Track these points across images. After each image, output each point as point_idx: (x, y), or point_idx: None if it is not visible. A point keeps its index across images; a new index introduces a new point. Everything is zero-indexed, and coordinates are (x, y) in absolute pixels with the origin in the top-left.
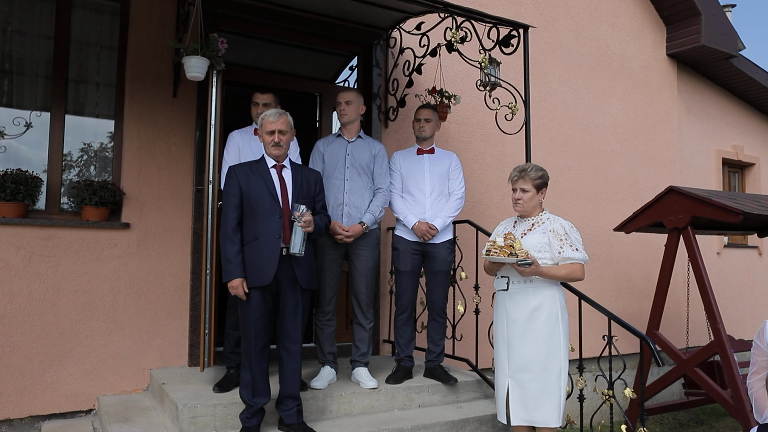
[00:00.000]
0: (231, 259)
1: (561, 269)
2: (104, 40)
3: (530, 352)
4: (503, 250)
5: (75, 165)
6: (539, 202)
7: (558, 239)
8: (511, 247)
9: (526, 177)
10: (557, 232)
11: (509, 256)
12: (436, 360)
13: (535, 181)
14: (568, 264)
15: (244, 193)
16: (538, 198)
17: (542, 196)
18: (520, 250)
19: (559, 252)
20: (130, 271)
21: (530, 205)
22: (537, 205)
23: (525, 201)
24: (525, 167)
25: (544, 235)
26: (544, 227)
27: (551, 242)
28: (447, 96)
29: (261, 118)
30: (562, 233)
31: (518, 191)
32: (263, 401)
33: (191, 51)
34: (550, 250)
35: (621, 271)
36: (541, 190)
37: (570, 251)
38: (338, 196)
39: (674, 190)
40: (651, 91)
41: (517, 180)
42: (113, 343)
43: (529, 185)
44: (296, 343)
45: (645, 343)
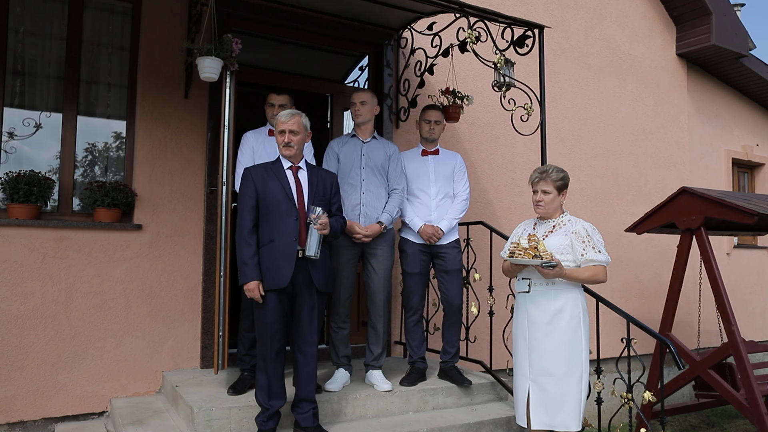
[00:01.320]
0: (247, 262)
1: (584, 271)
2: (116, 40)
3: (552, 355)
4: (527, 252)
5: (87, 166)
6: (560, 204)
7: (580, 241)
8: (536, 249)
9: (547, 178)
10: (579, 234)
11: (534, 258)
12: (451, 361)
13: (556, 182)
14: (591, 266)
15: (260, 194)
16: (559, 200)
17: (563, 197)
18: (545, 252)
19: (581, 254)
20: (142, 273)
21: (551, 207)
22: (558, 207)
23: (546, 203)
24: (546, 168)
25: (566, 237)
26: (565, 229)
27: (574, 244)
28: (460, 96)
29: (275, 119)
30: (585, 235)
31: (539, 193)
32: (279, 404)
33: (205, 52)
34: (573, 252)
35: (631, 272)
36: (562, 192)
37: (593, 253)
38: (354, 197)
39: (687, 191)
40: (661, 91)
41: (538, 181)
42: (126, 345)
43: (550, 187)
44: (312, 346)
45: (664, 345)
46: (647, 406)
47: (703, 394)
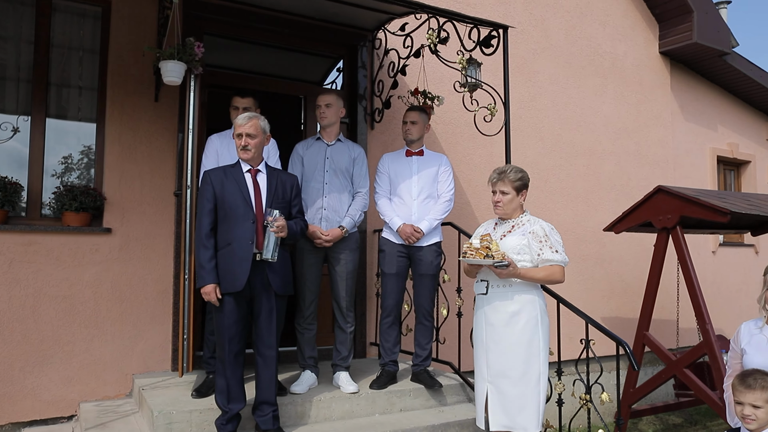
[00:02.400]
0: (204, 265)
1: (540, 271)
2: (87, 44)
3: (509, 357)
4: (479, 252)
5: (57, 170)
6: (520, 205)
7: (537, 241)
8: (488, 249)
9: (505, 179)
10: (537, 234)
11: (485, 258)
12: (422, 364)
13: (514, 183)
14: (548, 266)
15: (218, 197)
16: (518, 200)
17: (522, 198)
18: (497, 252)
19: (538, 254)
20: (112, 277)
21: (510, 208)
22: (517, 207)
23: (504, 203)
24: (504, 169)
25: (523, 236)
26: (524, 229)
27: (531, 244)
28: (430, 97)
29: (234, 122)
30: (542, 235)
31: (498, 193)
32: (238, 407)
33: (167, 55)
34: (530, 252)
35: (614, 271)
36: (521, 192)
37: (549, 253)
38: (317, 200)
39: (663, 189)
40: (643, 90)
41: (496, 182)
42: (95, 349)
43: (508, 187)
44: (271, 349)
45: (622, 346)
46: (625, 405)
47: (682, 393)
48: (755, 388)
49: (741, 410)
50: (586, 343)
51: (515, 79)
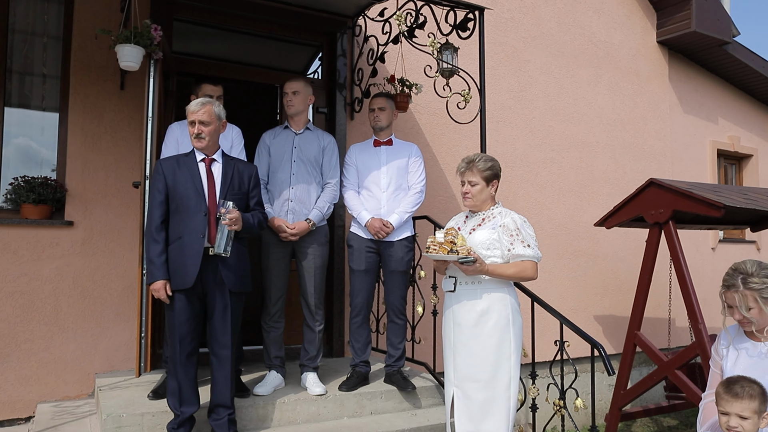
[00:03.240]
0: (153, 260)
1: (510, 267)
2: (51, 30)
3: (477, 359)
4: (443, 247)
5: (18, 161)
6: (490, 196)
7: (508, 235)
8: (452, 244)
9: (473, 168)
10: (508, 227)
11: (449, 253)
12: (395, 365)
13: (483, 172)
14: (518, 262)
15: (170, 188)
16: (488, 191)
17: (493, 189)
18: (462, 247)
19: (508, 249)
20: (74, 271)
21: (479, 199)
22: (488, 199)
23: (473, 195)
24: (473, 158)
25: (493, 230)
26: (494, 222)
27: (501, 238)
28: (408, 85)
29: (186, 108)
30: (513, 228)
31: (466, 184)
32: (191, 410)
33: (123, 39)
34: (500, 247)
35: (607, 267)
36: (491, 183)
37: (521, 248)
38: (283, 192)
39: (655, 182)
40: (640, 80)
41: (464, 172)
42: (55, 347)
43: (477, 177)
44: (226, 348)
45: (597, 349)
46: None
47: (674, 396)
48: (743, 397)
49: (726, 421)
50: (560, 344)
51: (504, 68)
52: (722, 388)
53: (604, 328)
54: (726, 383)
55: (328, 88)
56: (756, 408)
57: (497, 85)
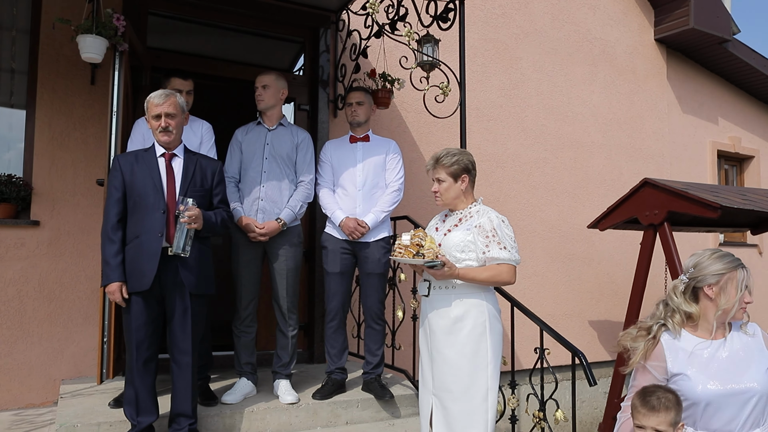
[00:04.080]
0: (109, 261)
1: (484, 271)
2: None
3: (453, 368)
4: (408, 250)
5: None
6: (461, 192)
7: (484, 236)
8: (419, 246)
9: (439, 165)
10: (483, 228)
11: (415, 256)
12: (373, 372)
13: (449, 168)
14: (494, 265)
15: (127, 185)
16: (457, 187)
17: (463, 184)
18: (429, 250)
19: (483, 252)
20: (39, 273)
21: (449, 197)
22: (459, 196)
23: (441, 192)
24: (439, 154)
25: (468, 231)
26: (470, 222)
27: (476, 240)
28: (390, 80)
29: (146, 101)
30: (489, 229)
31: (435, 182)
32: (149, 420)
33: (84, 29)
34: (476, 249)
35: (603, 271)
36: (459, 178)
37: (497, 250)
38: (254, 190)
39: (649, 183)
40: (637, 79)
41: (431, 169)
42: (19, 352)
43: (443, 174)
44: (186, 354)
45: (577, 356)
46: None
47: None
48: (659, 410)
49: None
50: (540, 352)
51: (495, 65)
52: (638, 400)
53: (600, 334)
54: (642, 395)
55: (311, 85)
56: (672, 420)
57: (488, 83)
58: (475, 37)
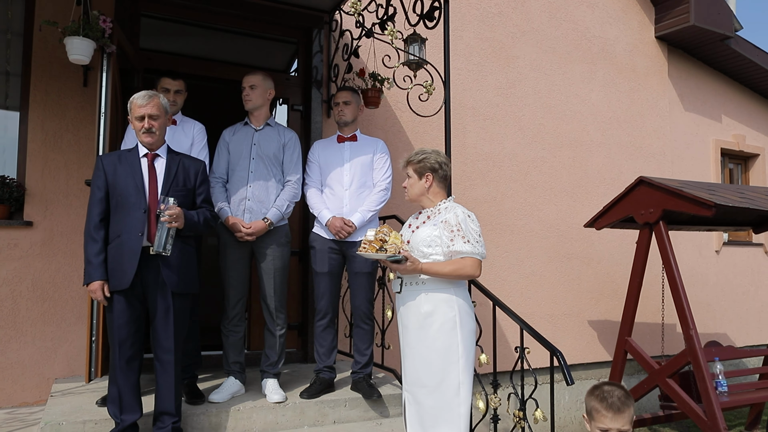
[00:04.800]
0: (91, 260)
1: (446, 265)
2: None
3: (424, 363)
4: (372, 245)
5: None
6: (425, 190)
7: (449, 230)
8: (382, 242)
9: (408, 162)
10: (449, 223)
11: (378, 251)
12: (362, 371)
13: (416, 165)
14: (458, 259)
15: (110, 185)
16: (421, 185)
17: (427, 182)
18: (392, 245)
19: (448, 246)
20: (33, 273)
21: (414, 193)
22: (423, 193)
23: (408, 188)
24: (413, 152)
25: (435, 227)
26: (438, 218)
27: (442, 234)
28: (379, 79)
29: (129, 102)
30: (454, 223)
31: (406, 177)
32: (132, 418)
33: (71, 31)
34: (441, 244)
35: (603, 271)
36: (423, 176)
37: (461, 244)
38: (241, 190)
39: (644, 181)
40: (637, 77)
41: (403, 167)
42: (12, 351)
43: (410, 170)
44: (168, 353)
45: (556, 356)
46: None
47: (667, 405)
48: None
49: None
50: (520, 351)
51: (492, 64)
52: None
53: (599, 334)
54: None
55: (304, 85)
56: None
57: (484, 81)
58: (471, 36)
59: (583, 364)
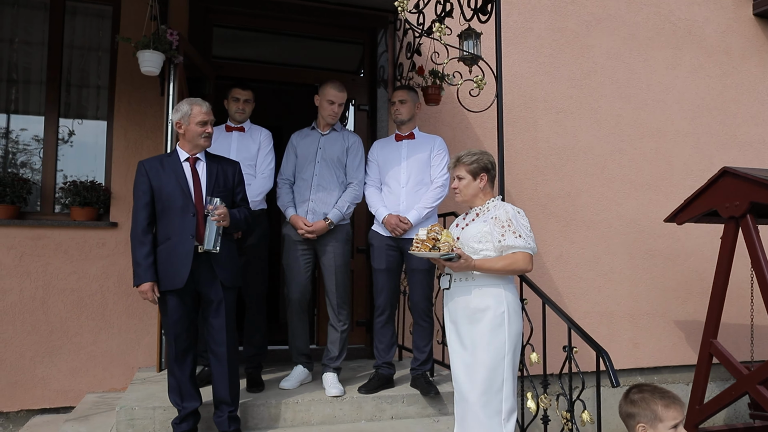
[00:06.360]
0: (140, 262)
1: (499, 261)
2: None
3: (470, 359)
4: (425, 244)
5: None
6: (479, 189)
7: (500, 226)
8: (435, 240)
9: (459, 163)
10: (499, 219)
11: (431, 250)
12: (420, 368)
13: (469, 166)
14: (509, 254)
15: (155, 190)
16: (476, 185)
17: (481, 182)
18: (445, 243)
19: (499, 240)
20: (118, 270)
21: (468, 194)
22: (477, 193)
23: (461, 189)
24: (461, 153)
25: (485, 223)
26: (487, 215)
27: (492, 230)
28: (440, 76)
29: (188, 108)
30: (505, 219)
31: (455, 179)
32: (193, 405)
33: (143, 45)
34: (492, 239)
35: (691, 268)
36: (479, 177)
37: (512, 238)
38: (304, 192)
39: (729, 171)
40: (731, 60)
41: (452, 167)
42: (102, 341)
43: (463, 171)
44: (222, 345)
45: (602, 357)
46: (690, 424)
47: (757, 415)
48: (680, 401)
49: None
50: (568, 351)
51: (564, 55)
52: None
53: (687, 335)
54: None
55: (370, 86)
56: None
57: (556, 74)
58: (542, 27)
59: (669, 366)
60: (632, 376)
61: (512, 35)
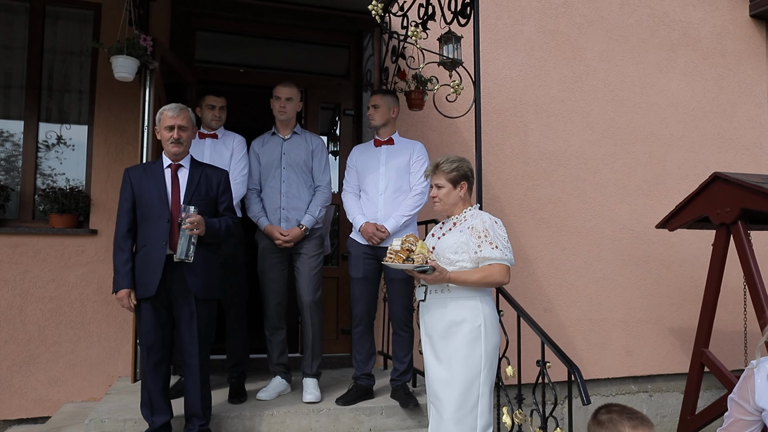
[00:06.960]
0: (118, 269)
1: (475, 273)
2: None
3: (445, 374)
4: (398, 255)
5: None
6: (460, 198)
7: (476, 236)
8: (409, 252)
9: (439, 171)
10: (476, 229)
11: (405, 261)
12: (400, 379)
13: (449, 174)
14: (486, 266)
15: (136, 196)
16: (456, 194)
17: (462, 191)
18: (419, 255)
19: (476, 251)
20: (98, 278)
21: (448, 203)
22: (457, 202)
23: (441, 198)
24: (439, 160)
25: (462, 233)
26: (464, 225)
27: (469, 241)
28: (423, 81)
29: (159, 113)
30: (482, 229)
31: (434, 188)
32: (162, 419)
33: (116, 51)
34: (468, 250)
35: (685, 274)
36: (458, 185)
37: (488, 250)
38: (275, 200)
39: (720, 177)
40: (727, 62)
41: (430, 175)
42: (81, 350)
43: (443, 180)
44: (194, 357)
45: (573, 373)
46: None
47: None
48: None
49: None
50: (541, 365)
51: (555, 58)
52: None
53: (682, 343)
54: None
55: (356, 90)
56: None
57: (546, 77)
58: (532, 30)
59: (663, 375)
60: (625, 384)
61: (501, 38)
